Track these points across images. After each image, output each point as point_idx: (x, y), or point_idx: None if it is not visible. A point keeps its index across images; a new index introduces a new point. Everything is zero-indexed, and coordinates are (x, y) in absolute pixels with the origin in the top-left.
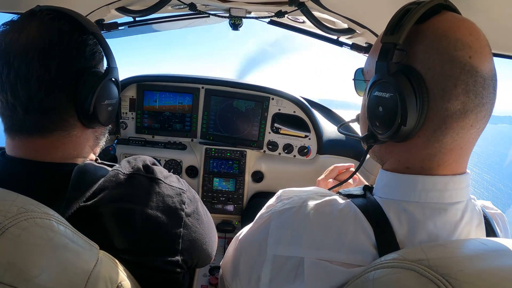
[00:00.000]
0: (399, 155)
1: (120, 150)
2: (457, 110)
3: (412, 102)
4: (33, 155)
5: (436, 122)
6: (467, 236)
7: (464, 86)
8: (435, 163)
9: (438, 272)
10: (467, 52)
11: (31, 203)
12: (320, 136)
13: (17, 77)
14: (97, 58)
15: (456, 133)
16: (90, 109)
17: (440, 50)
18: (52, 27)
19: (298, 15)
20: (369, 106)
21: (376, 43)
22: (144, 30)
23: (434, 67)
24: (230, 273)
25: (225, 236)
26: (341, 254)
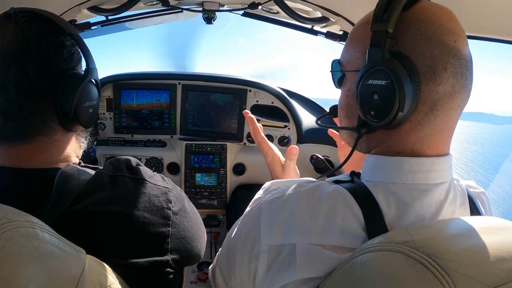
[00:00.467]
0: (389, 141)
1: (100, 151)
2: (447, 92)
3: (408, 87)
4: (15, 163)
5: (427, 105)
6: (452, 215)
7: (452, 68)
8: (425, 145)
9: (424, 252)
10: (452, 37)
11: (13, 212)
12: (300, 125)
13: None
14: (76, 59)
15: (445, 115)
16: (71, 112)
17: (429, 36)
18: (28, 30)
19: (272, 5)
20: (362, 95)
21: (355, 32)
22: (117, 29)
23: (425, 52)
24: (227, 272)
25: (211, 230)
26: (332, 237)
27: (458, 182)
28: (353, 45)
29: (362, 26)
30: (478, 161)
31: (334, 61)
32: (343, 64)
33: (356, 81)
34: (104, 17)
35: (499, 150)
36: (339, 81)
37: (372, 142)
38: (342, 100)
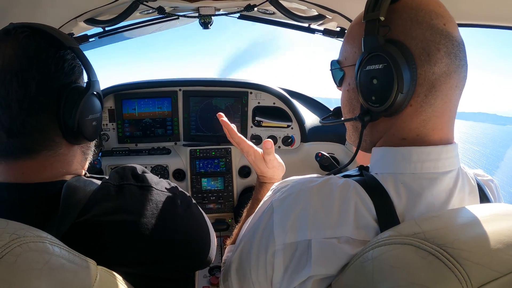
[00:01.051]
0: (393, 129)
1: (105, 162)
2: (443, 72)
3: (405, 68)
4: (21, 178)
5: (426, 87)
6: (461, 203)
7: (445, 49)
8: (429, 128)
9: (434, 243)
10: (441, 20)
11: (22, 228)
12: (302, 124)
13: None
14: (77, 72)
15: (445, 95)
16: (75, 126)
17: (419, 20)
18: (28, 45)
19: (267, 6)
20: (362, 83)
21: (351, 29)
22: (115, 39)
23: (416, 36)
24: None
25: (220, 234)
26: (346, 229)
27: (465, 170)
28: (349, 42)
29: (356, 23)
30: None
31: (333, 61)
32: (341, 62)
33: (355, 71)
34: (101, 28)
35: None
36: (340, 80)
37: (376, 132)
38: (343, 97)
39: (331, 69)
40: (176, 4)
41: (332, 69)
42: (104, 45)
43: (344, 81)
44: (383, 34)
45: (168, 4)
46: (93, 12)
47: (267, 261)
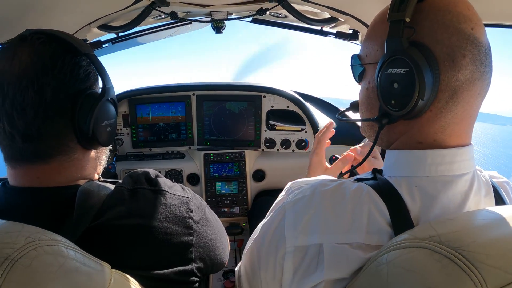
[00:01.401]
0: (411, 132)
1: (119, 167)
2: (467, 79)
3: (428, 75)
4: (36, 183)
5: (448, 93)
6: (477, 206)
7: (471, 55)
8: (447, 134)
9: (450, 246)
10: (469, 25)
11: (37, 232)
12: (316, 128)
13: (12, 107)
14: (92, 78)
15: (466, 102)
16: (89, 132)
17: (446, 24)
18: (44, 51)
19: (280, 10)
20: (382, 85)
21: (374, 25)
22: (128, 45)
23: (442, 40)
24: (252, 273)
25: (234, 238)
26: (359, 235)
27: (481, 172)
28: (371, 38)
29: (380, 20)
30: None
31: (354, 56)
32: (362, 58)
33: (376, 72)
34: (114, 34)
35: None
36: (360, 76)
37: (394, 134)
38: (362, 94)
39: (352, 64)
40: (189, 9)
41: (352, 65)
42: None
43: (364, 78)
44: (408, 36)
45: (180, 9)
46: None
47: (277, 262)
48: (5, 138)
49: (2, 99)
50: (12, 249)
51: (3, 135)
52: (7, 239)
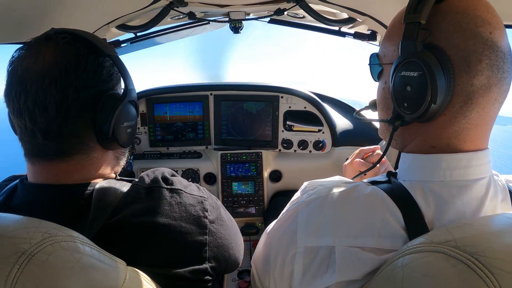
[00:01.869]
0: (425, 135)
1: (136, 166)
2: (483, 85)
3: (441, 79)
4: (54, 179)
5: (462, 98)
6: (493, 211)
7: (488, 61)
8: (461, 140)
9: (466, 251)
10: (487, 28)
11: (54, 227)
12: (334, 129)
13: (35, 104)
14: (115, 79)
15: (481, 108)
16: (110, 132)
17: (463, 27)
18: (68, 51)
19: (297, 10)
20: (395, 87)
21: (393, 25)
22: (146, 44)
23: (458, 43)
24: (262, 268)
25: (250, 239)
26: (371, 239)
27: (497, 177)
28: (390, 38)
29: (399, 21)
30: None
31: (373, 55)
32: (380, 58)
33: (390, 73)
34: (133, 34)
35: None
36: (378, 75)
37: (408, 135)
38: (379, 94)
39: (370, 63)
40: (207, 9)
41: (370, 63)
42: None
43: (381, 77)
44: (423, 39)
45: (198, 10)
46: (125, 18)
47: (286, 261)
48: (26, 134)
49: (25, 96)
50: (29, 244)
51: (25, 131)
52: (24, 234)
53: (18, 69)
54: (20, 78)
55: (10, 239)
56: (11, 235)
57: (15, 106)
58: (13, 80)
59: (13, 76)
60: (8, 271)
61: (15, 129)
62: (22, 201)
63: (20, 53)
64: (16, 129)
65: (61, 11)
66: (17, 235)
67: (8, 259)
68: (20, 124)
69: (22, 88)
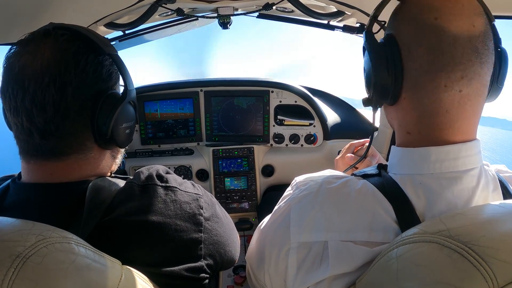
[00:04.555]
0: (398, 119)
1: (128, 164)
2: (425, 70)
3: (382, 59)
4: (48, 178)
5: (411, 83)
6: (485, 201)
7: (427, 45)
8: (429, 127)
9: (460, 240)
10: (433, 14)
11: (48, 229)
12: (325, 122)
13: (32, 103)
14: (114, 78)
15: (432, 94)
16: (108, 133)
17: (410, 16)
18: (68, 49)
19: (286, 4)
20: (364, 73)
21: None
22: (135, 42)
23: (403, 31)
24: (256, 265)
25: (244, 234)
26: (363, 233)
27: (488, 167)
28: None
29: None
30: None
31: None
32: None
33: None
34: (121, 32)
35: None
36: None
37: (390, 119)
38: None
39: None
40: (195, 5)
41: None
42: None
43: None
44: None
45: (186, 6)
46: (112, 16)
47: (280, 257)
48: (23, 133)
49: (22, 94)
50: (23, 247)
51: (21, 129)
52: (18, 237)
53: (16, 66)
54: (17, 75)
55: (4, 242)
56: (4, 238)
57: (11, 104)
58: (10, 77)
59: (10, 73)
60: (3, 275)
61: (10, 126)
62: (15, 201)
63: (17, 49)
64: (12, 127)
65: (48, 9)
66: (11, 238)
67: (3, 262)
68: (16, 122)
69: (20, 86)
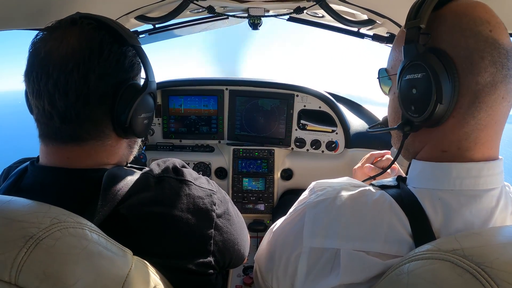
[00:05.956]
0: (435, 140)
1: (148, 156)
2: (488, 82)
3: (445, 78)
4: (65, 163)
5: (469, 98)
6: (503, 223)
7: (490, 57)
8: (471, 142)
9: (473, 261)
10: (487, 27)
11: (63, 213)
12: (347, 130)
13: (55, 87)
14: (136, 70)
15: (489, 107)
16: (127, 122)
17: (463, 27)
18: (93, 38)
19: (317, 9)
20: (402, 92)
21: (398, 36)
22: (164, 36)
23: (459, 43)
24: (265, 266)
25: (257, 235)
26: (377, 244)
27: (509, 188)
28: (395, 49)
29: (402, 30)
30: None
31: (381, 70)
32: (388, 71)
33: (397, 80)
34: (151, 25)
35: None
36: (388, 89)
37: (419, 143)
38: (390, 106)
39: (379, 77)
40: (226, 4)
41: (379, 77)
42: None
43: (390, 90)
44: (424, 42)
45: (218, 4)
46: (144, 9)
47: (290, 260)
48: (44, 116)
49: (46, 79)
50: (38, 229)
51: (42, 113)
52: (33, 218)
53: (41, 51)
54: (42, 60)
55: (19, 222)
56: (20, 219)
57: (34, 88)
58: (35, 61)
59: (35, 57)
60: (15, 254)
61: (31, 109)
62: (32, 183)
63: (43, 35)
64: (33, 110)
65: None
66: (26, 219)
67: (16, 243)
68: (38, 106)
69: (44, 71)
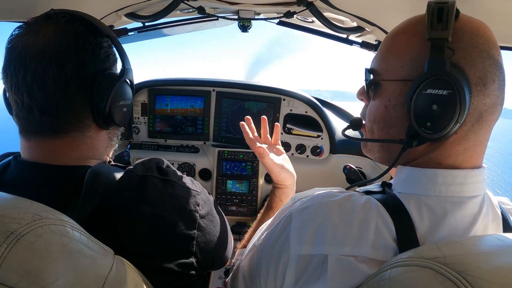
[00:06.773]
0: (432, 154)
1: (133, 155)
2: (492, 104)
3: (467, 99)
4: (48, 158)
5: (474, 117)
6: (484, 230)
7: (498, 81)
8: (468, 156)
9: (454, 269)
10: (497, 51)
11: (45, 210)
12: (333, 136)
13: (33, 79)
14: (112, 60)
15: (488, 125)
16: (106, 110)
17: (480, 48)
18: (68, 29)
19: (307, 15)
20: (418, 106)
21: (396, 41)
22: (153, 35)
23: (476, 64)
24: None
25: (240, 238)
26: (365, 248)
27: (490, 197)
28: (394, 54)
29: (404, 34)
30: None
31: (367, 70)
32: (380, 74)
33: (409, 91)
34: (141, 23)
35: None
36: (374, 92)
37: (413, 155)
38: (377, 112)
39: (366, 79)
40: (217, 5)
41: (367, 80)
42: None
43: (380, 94)
44: (449, 57)
45: (208, 5)
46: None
47: (279, 270)
48: (23, 110)
49: (23, 72)
50: (19, 225)
51: (21, 106)
52: (15, 214)
53: (18, 45)
54: (19, 54)
55: (0, 217)
56: (1, 214)
57: (13, 81)
58: (12, 56)
59: (13, 52)
60: None
61: (10, 107)
62: (14, 178)
63: (20, 31)
64: (12, 106)
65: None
66: (7, 214)
67: None
68: (17, 100)
69: (22, 64)
